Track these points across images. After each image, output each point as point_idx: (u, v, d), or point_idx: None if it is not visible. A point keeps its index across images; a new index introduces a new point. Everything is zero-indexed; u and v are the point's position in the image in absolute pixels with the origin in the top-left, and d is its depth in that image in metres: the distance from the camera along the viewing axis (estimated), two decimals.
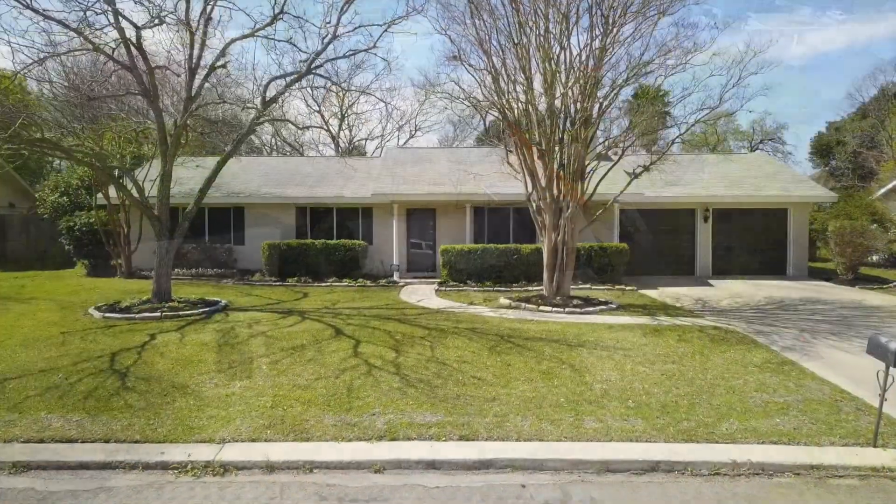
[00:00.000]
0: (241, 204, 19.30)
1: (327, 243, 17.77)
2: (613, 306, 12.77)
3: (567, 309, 12.25)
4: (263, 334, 10.12)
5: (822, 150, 41.10)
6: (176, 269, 18.15)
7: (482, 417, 6.28)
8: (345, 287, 16.62)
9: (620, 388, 7.33)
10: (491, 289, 15.80)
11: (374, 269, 19.01)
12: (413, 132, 38.11)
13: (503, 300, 13.46)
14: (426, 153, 21.70)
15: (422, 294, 15.21)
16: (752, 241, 19.12)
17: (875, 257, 20.28)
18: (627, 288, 15.79)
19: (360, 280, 17.27)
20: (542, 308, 12.40)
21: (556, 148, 12.88)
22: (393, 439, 5.74)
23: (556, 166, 12.92)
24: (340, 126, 35.62)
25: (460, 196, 17.48)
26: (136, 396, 6.91)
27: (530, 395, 7.00)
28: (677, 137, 12.69)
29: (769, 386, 7.38)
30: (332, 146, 36.14)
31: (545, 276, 13.27)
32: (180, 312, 11.60)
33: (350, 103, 34.60)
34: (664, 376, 7.84)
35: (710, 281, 17.67)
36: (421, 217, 19.39)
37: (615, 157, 16.11)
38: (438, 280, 17.17)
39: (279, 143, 37.57)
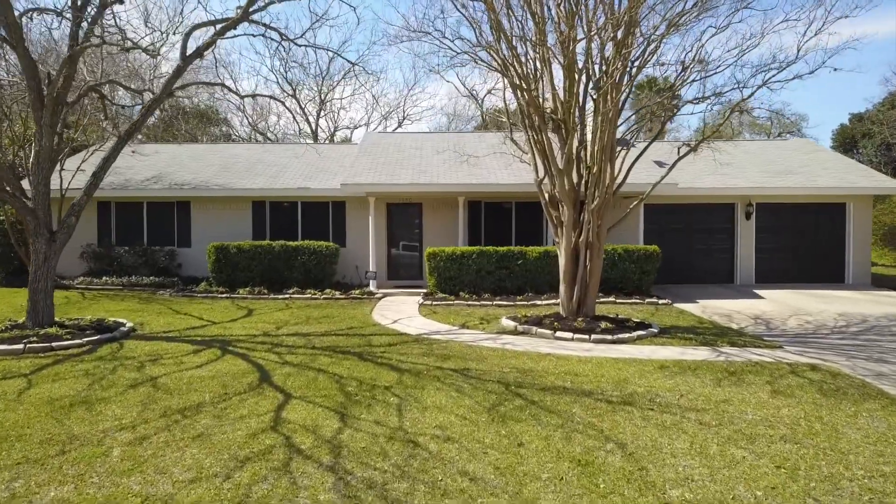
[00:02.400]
0: (186, 198, 15.96)
1: (287, 245, 14.46)
2: (654, 330, 9.50)
3: (594, 335, 8.97)
4: (152, 382, 6.81)
5: (847, 142, 38.03)
6: (104, 278, 14.85)
7: None
8: (306, 300, 13.31)
9: (717, 499, 4.08)
10: (489, 303, 12.51)
11: (347, 275, 15.71)
12: (401, 120, 34.73)
13: (506, 322, 10.16)
14: (412, 139, 18.44)
15: (401, 310, 11.91)
16: (803, 241, 15.89)
17: None
18: (661, 301, 12.53)
19: (329, 291, 14.00)
20: (559, 334, 9.12)
21: (577, 117, 9.61)
22: None
23: (575, 143, 9.65)
24: (319, 114, 32.21)
25: (452, 187, 14.20)
26: None
27: None
28: (740, 103, 9.44)
29: None
30: (313, 138, 32.75)
31: (562, 289, 9.99)
32: (56, 343, 8.27)
33: (330, 87, 31.22)
34: (784, 471, 4.59)
35: (756, 291, 14.43)
36: (404, 213, 16.10)
37: (639, 140, 12.90)
38: (425, 290, 13.89)
39: (255, 135, 34.19)
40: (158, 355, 7.97)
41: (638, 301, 12.50)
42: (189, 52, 9.61)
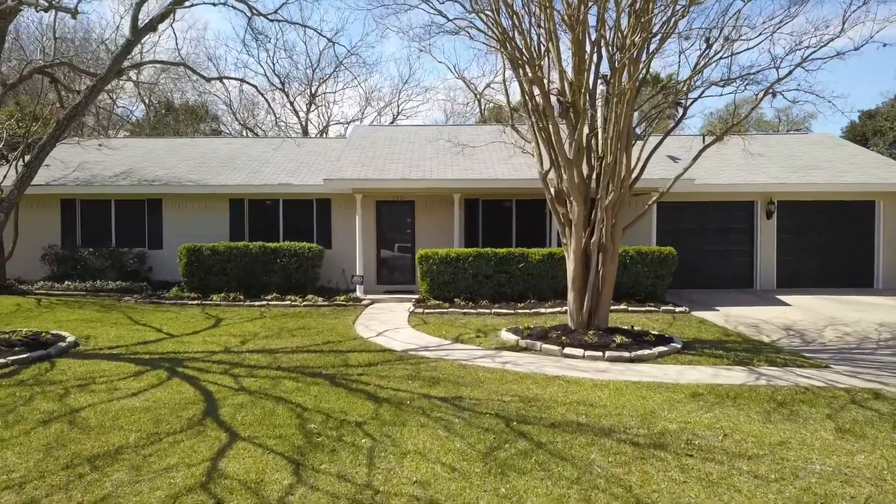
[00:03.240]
0: (157, 195, 14.67)
1: (266, 247, 13.19)
2: (677, 346, 8.22)
3: (609, 352, 7.70)
4: (71, 416, 5.53)
5: (857, 140, 36.82)
6: (67, 283, 13.58)
7: None
8: (284, 308, 12.04)
9: None
10: (487, 311, 11.23)
11: (333, 280, 14.44)
12: (396, 116, 33.42)
13: (507, 335, 8.89)
14: (404, 132, 17.16)
15: (389, 319, 10.64)
16: (828, 242, 14.64)
17: None
18: (677, 309, 11.26)
19: (311, 297, 12.73)
20: (568, 350, 7.85)
21: (587, 101, 8.35)
22: None
23: (586, 129, 8.40)
24: (309, 109, 30.88)
25: (447, 182, 12.93)
26: None
27: None
28: (775, 83, 8.18)
29: None
30: (303, 134, 31.44)
31: (570, 297, 8.73)
32: None
33: (321, 80, 29.95)
34: None
35: (780, 297, 13.17)
36: (395, 212, 14.84)
37: (651, 134, 11.69)
38: (416, 297, 12.62)
39: (245, 133, 32.89)
40: (91, 379, 6.69)
41: (652, 309, 11.22)
42: (142, 24, 8.33)
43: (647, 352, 7.75)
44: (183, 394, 6.13)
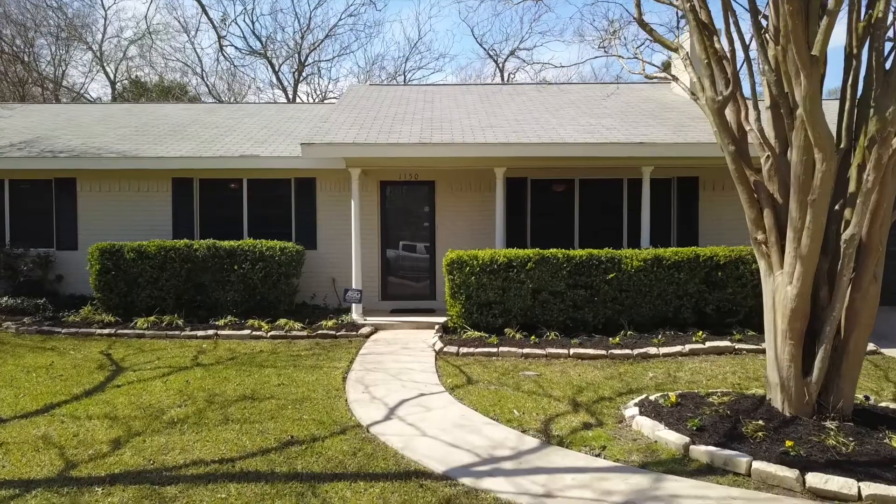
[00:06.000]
0: (69, 172, 10.29)
1: (218, 247, 8.89)
2: None
3: (874, 484, 3.37)
4: None
5: None
6: None
7: None
8: (240, 341, 7.77)
9: None
10: (562, 350, 6.91)
11: (319, 293, 10.12)
12: (405, 81, 28.66)
13: (645, 423, 4.51)
14: (419, 91, 12.76)
15: (404, 370, 6.28)
16: None
17: None
18: None
19: (284, 321, 8.46)
20: (815, 480, 3.50)
21: None
22: None
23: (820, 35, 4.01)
24: (298, 79, 26.27)
25: (487, 150, 8.57)
26: None
27: None
28: None
29: None
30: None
31: (777, 345, 4.37)
32: None
33: (312, 46, 25.44)
34: None
35: None
36: (406, 197, 10.55)
37: None
38: (441, 322, 8.32)
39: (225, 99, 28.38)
40: None
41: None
42: None
43: None
44: None
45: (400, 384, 5.82)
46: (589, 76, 29.08)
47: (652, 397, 5.09)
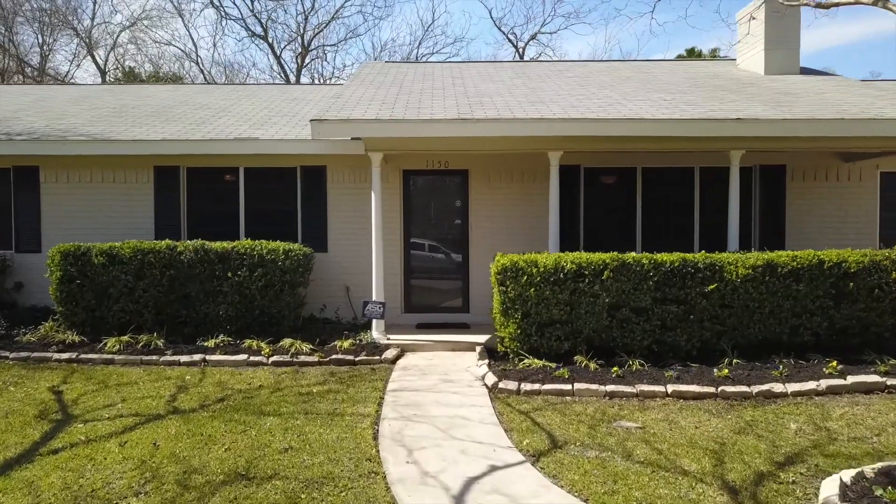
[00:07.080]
0: (31, 158, 8.59)
1: (208, 250, 7.21)
2: None
3: None
4: None
5: None
6: None
7: None
8: (233, 370, 6.11)
9: None
10: (657, 387, 5.23)
11: (330, 304, 8.44)
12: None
13: None
14: (441, 69, 11.02)
15: (454, 419, 4.58)
16: None
17: None
18: None
19: (289, 342, 6.78)
20: None
21: None
22: None
23: None
24: (302, 65, 24.44)
25: (541, 127, 6.84)
26: None
27: None
28: None
29: None
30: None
31: None
32: None
33: (317, 29, 23.69)
34: None
35: None
36: (434, 189, 8.88)
37: None
38: (482, 341, 6.65)
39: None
40: None
41: None
42: None
43: None
44: None
45: (456, 446, 4.14)
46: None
47: (846, 477, 3.41)
